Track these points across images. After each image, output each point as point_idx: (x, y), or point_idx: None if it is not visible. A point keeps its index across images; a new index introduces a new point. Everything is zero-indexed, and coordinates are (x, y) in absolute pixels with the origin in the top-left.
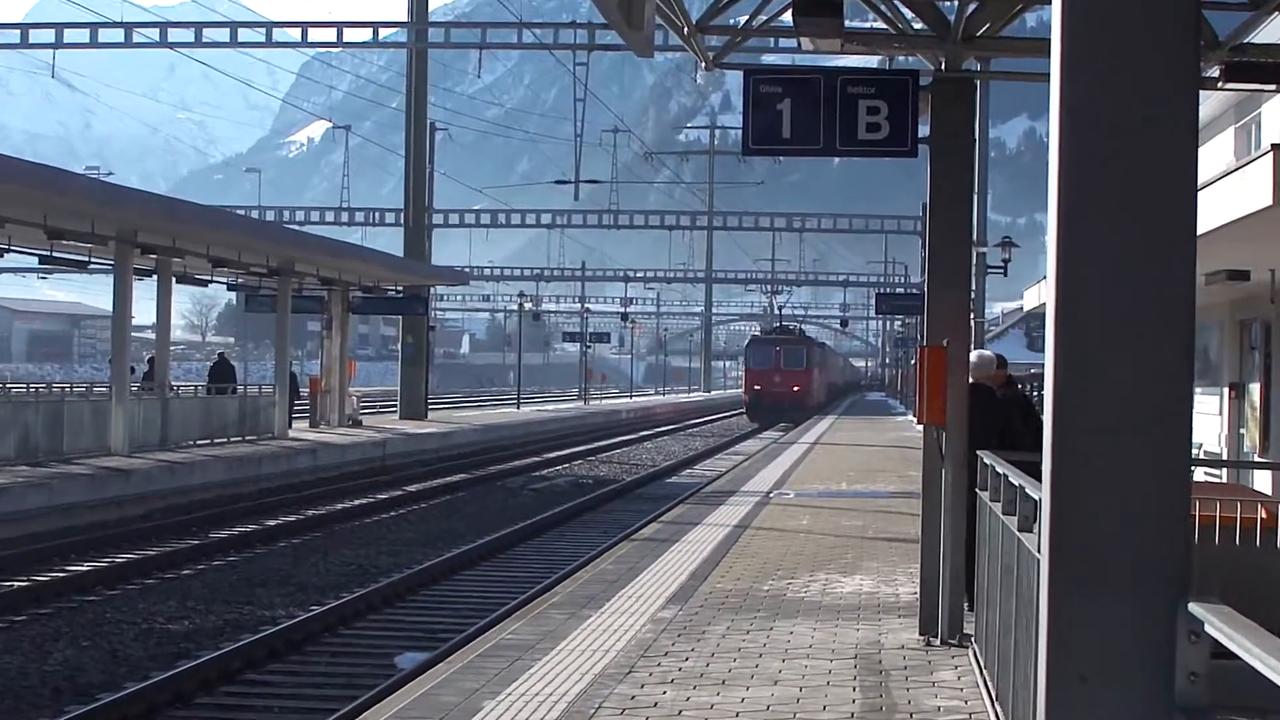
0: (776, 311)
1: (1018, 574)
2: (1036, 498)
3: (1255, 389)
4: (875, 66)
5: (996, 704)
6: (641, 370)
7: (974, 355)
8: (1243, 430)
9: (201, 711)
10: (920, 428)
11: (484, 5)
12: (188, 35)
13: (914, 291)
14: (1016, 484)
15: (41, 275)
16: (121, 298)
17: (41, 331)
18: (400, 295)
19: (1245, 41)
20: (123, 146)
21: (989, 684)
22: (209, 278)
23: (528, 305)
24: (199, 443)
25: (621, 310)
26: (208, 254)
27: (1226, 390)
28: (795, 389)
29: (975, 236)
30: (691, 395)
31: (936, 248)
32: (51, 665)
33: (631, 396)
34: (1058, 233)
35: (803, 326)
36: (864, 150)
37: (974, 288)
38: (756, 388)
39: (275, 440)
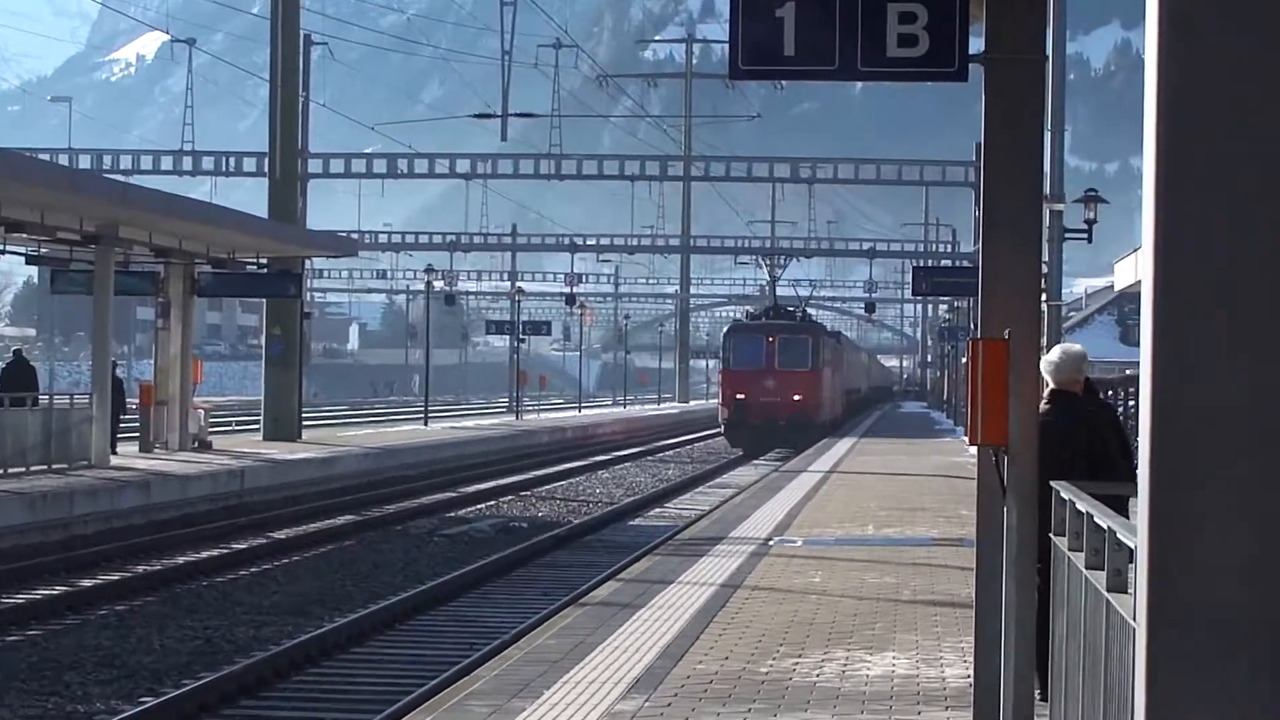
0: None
1: (1107, 649)
2: (1131, 545)
3: None
4: None
5: None
6: (595, 372)
7: (1055, 353)
8: None
9: None
10: (974, 450)
11: None
12: None
13: (964, 265)
14: (1104, 526)
15: None
16: None
17: None
18: (264, 271)
19: None
20: None
21: None
22: None
23: (438, 284)
24: None
25: (566, 291)
26: None
27: None
28: (797, 399)
29: (1048, 190)
30: (663, 407)
31: (995, 205)
32: None
33: (581, 409)
34: (1158, 183)
35: (809, 310)
36: (895, 72)
37: (1046, 259)
38: (740, 397)
39: (93, 470)
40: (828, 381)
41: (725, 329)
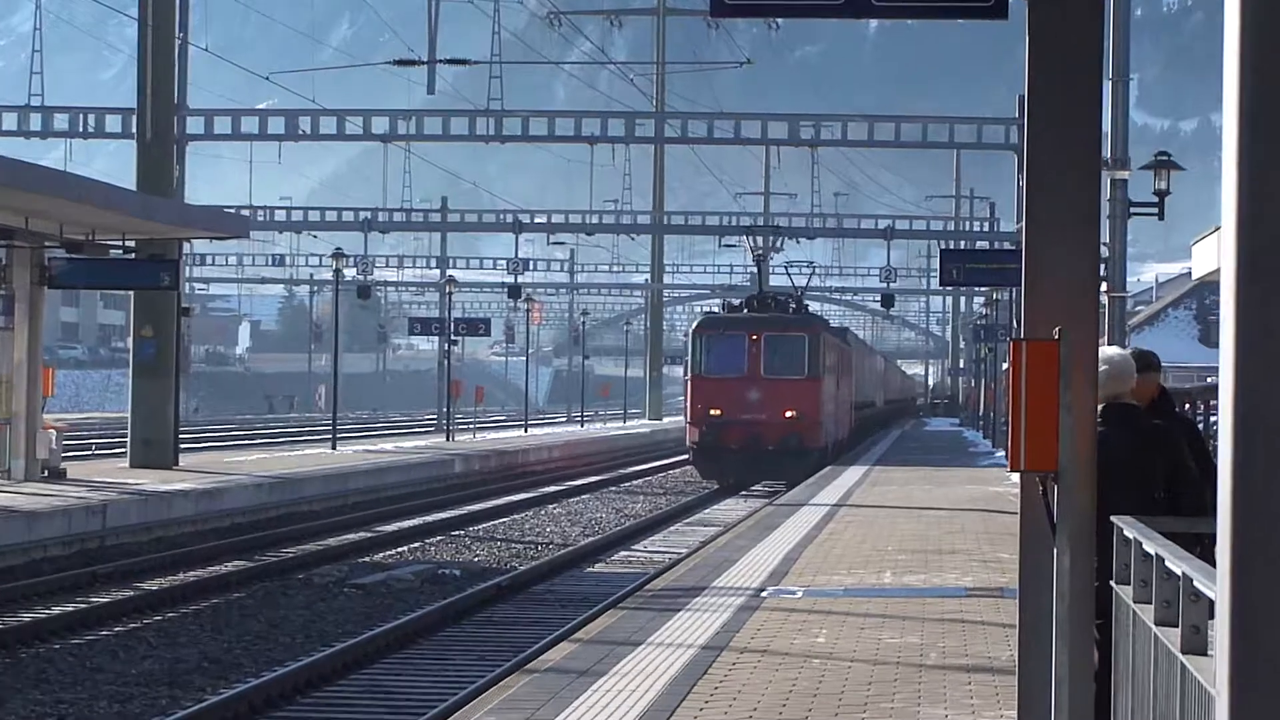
0: (782, 277)
1: None
2: (1210, 595)
3: None
4: None
5: None
6: (546, 381)
7: (1110, 355)
8: None
9: None
10: (1016, 478)
11: None
12: None
13: (1005, 247)
14: (1177, 572)
15: None
16: None
17: None
18: (131, 257)
19: None
20: None
21: None
22: None
23: (349, 273)
24: None
25: (509, 281)
26: None
27: None
28: (789, 415)
29: (1108, 154)
30: (630, 425)
31: (1042, 173)
32: None
33: (527, 427)
34: (1242, 146)
35: (808, 301)
36: (919, 8)
37: (1107, 240)
38: (714, 413)
39: None
40: (830, 393)
41: (695, 323)
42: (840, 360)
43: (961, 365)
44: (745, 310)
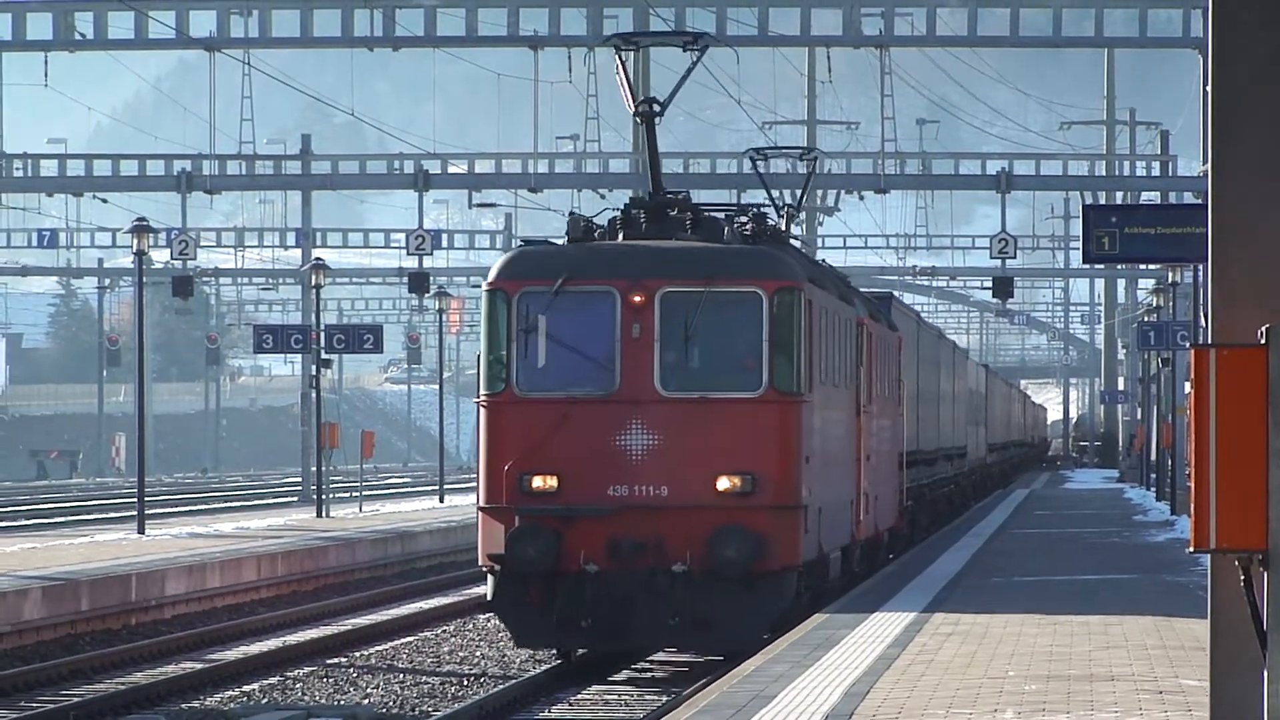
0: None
1: None
2: None
3: None
4: None
5: None
6: (471, 422)
7: None
8: None
9: None
10: (1205, 561)
11: None
12: None
13: (1187, 200)
14: None
15: None
16: None
17: None
18: None
19: None
20: None
21: None
22: None
23: (159, 257)
24: None
25: (409, 266)
26: None
27: None
28: (723, 490)
29: None
30: None
31: (1242, 80)
32: None
33: (443, 495)
34: None
35: (790, 223)
36: None
37: None
38: (537, 485)
39: None
40: (840, 432)
41: (495, 269)
42: (875, 358)
43: (1121, 388)
44: (618, 231)
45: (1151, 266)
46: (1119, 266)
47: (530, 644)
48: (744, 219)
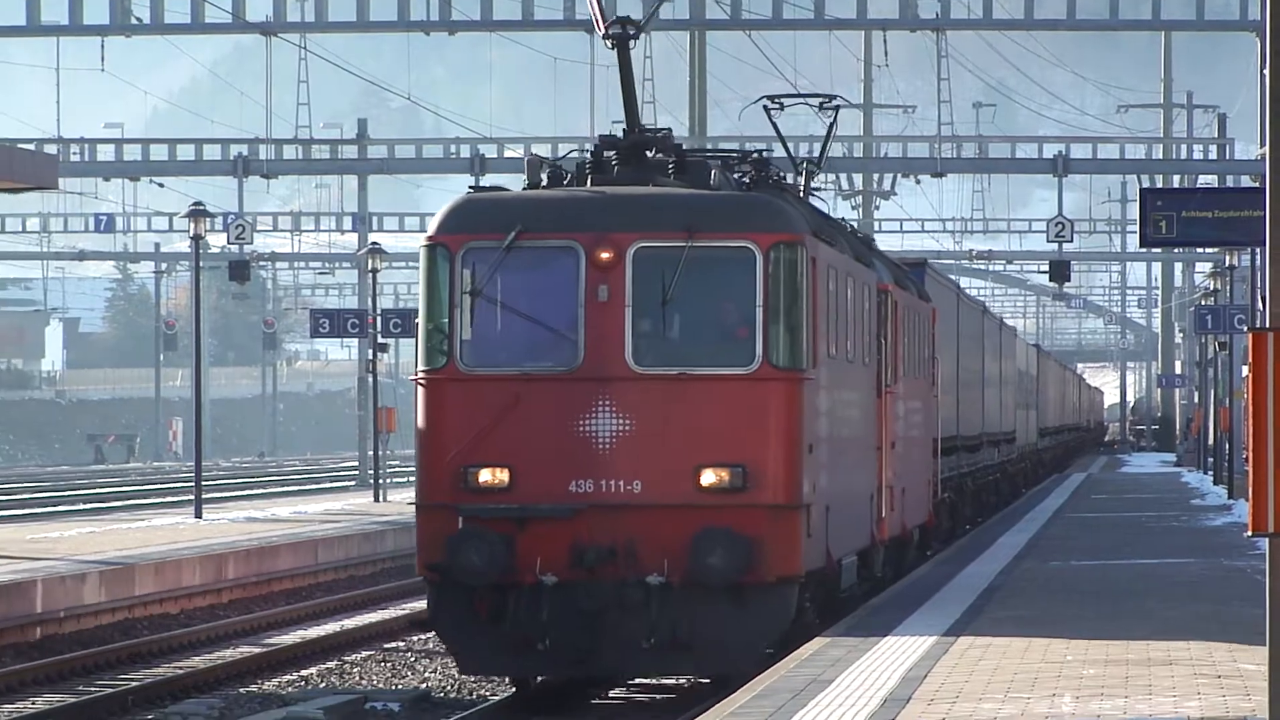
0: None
1: None
2: None
3: None
4: None
5: None
6: None
7: None
8: None
9: None
10: (1263, 545)
11: None
12: None
13: (1245, 182)
14: None
15: None
16: None
17: None
18: None
19: None
20: None
21: None
22: None
23: (217, 241)
24: None
25: None
26: None
27: None
28: (707, 485)
29: None
30: None
31: None
32: None
33: None
34: None
35: (805, 175)
36: None
37: None
38: (485, 480)
39: None
40: (857, 415)
41: (438, 219)
42: (902, 331)
43: (1178, 371)
44: (587, 176)
45: (1209, 250)
46: (1176, 250)
47: (477, 669)
48: (746, 166)
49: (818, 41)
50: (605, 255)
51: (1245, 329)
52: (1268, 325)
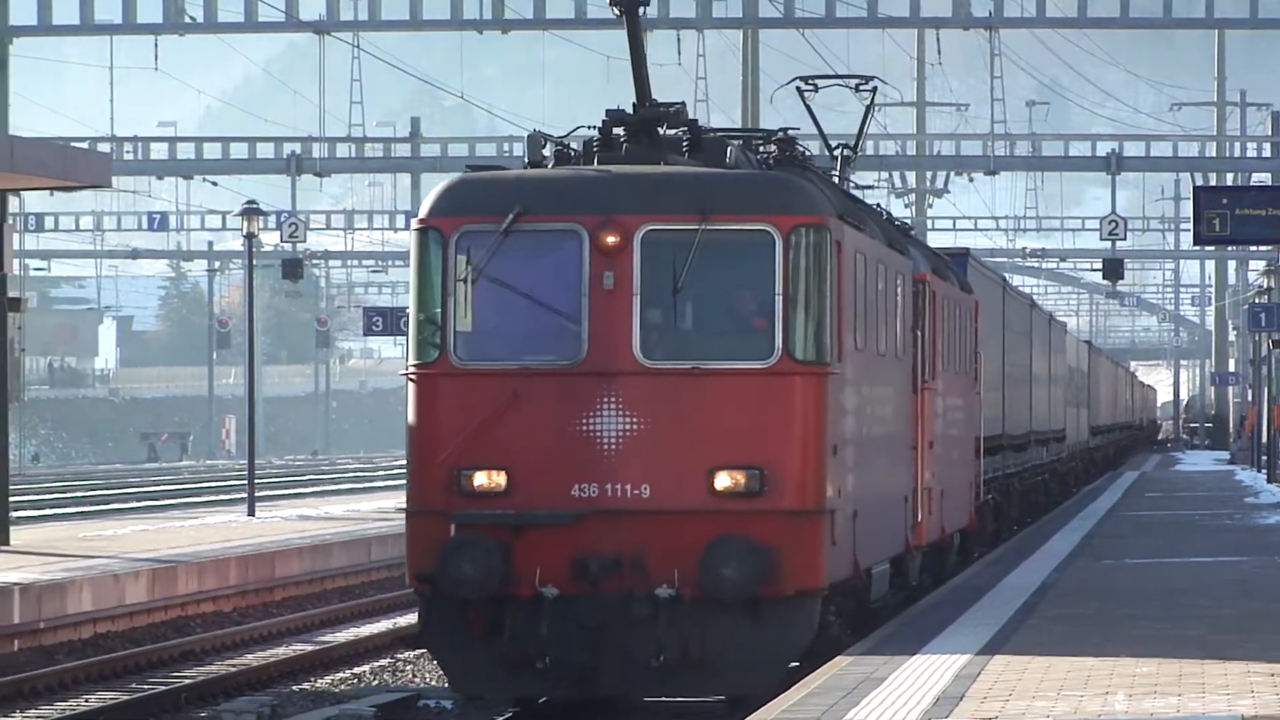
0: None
1: None
2: None
3: None
4: None
5: None
6: None
7: None
8: None
9: None
10: None
11: None
12: None
13: None
14: None
15: None
16: None
17: None
18: None
19: None
20: None
21: None
22: None
23: (270, 239)
24: None
25: None
26: None
27: None
28: (722, 489)
29: None
30: None
31: None
32: None
33: None
34: None
35: (840, 159)
36: None
37: None
38: (480, 484)
39: None
40: (890, 413)
41: (429, 201)
42: (941, 323)
43: (1232, 369)
44: (594, 154)
45: (1263, 248)
46: (1229, 248)
47: (471, 689)
48: (767, 146)
49: (871, 40)
50: (611, 239)
51: None
52: None
